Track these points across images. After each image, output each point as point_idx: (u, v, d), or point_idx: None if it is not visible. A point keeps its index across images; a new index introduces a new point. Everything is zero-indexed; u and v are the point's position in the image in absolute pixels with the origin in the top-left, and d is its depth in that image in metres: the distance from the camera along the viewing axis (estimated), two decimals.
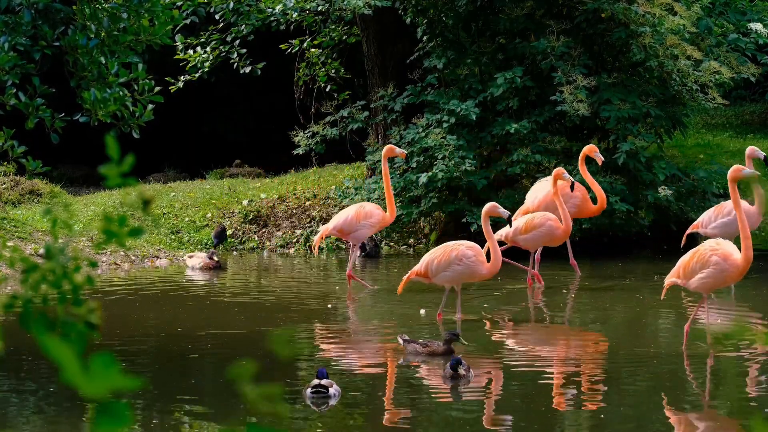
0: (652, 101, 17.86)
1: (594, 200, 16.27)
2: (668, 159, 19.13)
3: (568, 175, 15.07)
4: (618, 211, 17.41)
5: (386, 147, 15.91)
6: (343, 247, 19.34)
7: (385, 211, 15.85)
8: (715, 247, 11.38)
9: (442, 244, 13.25)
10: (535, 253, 15.63)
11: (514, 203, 17.84)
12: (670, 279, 11.71)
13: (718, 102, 18.26)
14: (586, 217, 16.60)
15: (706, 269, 11.35)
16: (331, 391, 9.70)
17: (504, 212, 13.01)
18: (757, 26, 21.36)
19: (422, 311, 13.81)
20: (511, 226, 14.46)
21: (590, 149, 16.00)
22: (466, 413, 9.48)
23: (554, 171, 15.14)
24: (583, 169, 16.11)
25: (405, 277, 13.27)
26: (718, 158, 21.80)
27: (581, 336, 12.75)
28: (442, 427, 9.13)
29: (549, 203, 15.80)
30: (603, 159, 16.08)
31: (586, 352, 12.00)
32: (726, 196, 19.73)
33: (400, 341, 11.36)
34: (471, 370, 10.25)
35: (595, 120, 18.06)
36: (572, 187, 15.39)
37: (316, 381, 9.73)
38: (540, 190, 16.15)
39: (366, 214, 15.78)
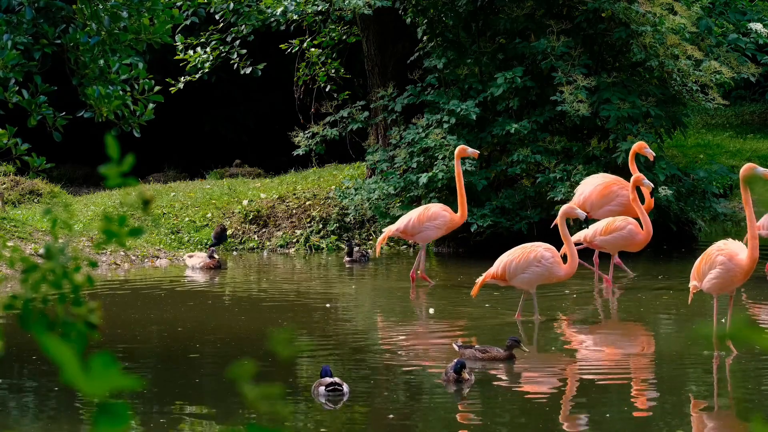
0: (652, 101, 17.86)
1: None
2: (668, 159, 19.13)
3: (648, 182, 14.96)
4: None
5: (459, 147, 15.88)
6: (343, 247, 19.32)
7: (456, 213, 15.78)
8: (722, 247, 11.37)
9: (519, 246, 13.12)
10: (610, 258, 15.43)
11: (514, 203, 17.84)
12: (692, 283, 11.70)
13: (718, 102, 18.25)
14: (632, 217, 16.40)
15: (713, 270, 11.36)
16: (344, 388, 9.71)
17: (581, 213, 13.00)
18: (757, 26, 21.35)
19: (431, 310, 13.81)
20: (587, 227, 14.31)
21: (640, 146, 15.89)
22: (468, 414, 9.48)
23: (633, 177, 14.95)
24: (633, 166, 15.96)
25: (479, 280, 13.07)
26: (718, 158, 21.81)
27: (584, 337, 12.74)
28: (443, 428, 9.14)
29: (595, 201, 15.72)
30: (654, 154, 16.03)
31: (591, 353, 11.99)
32: (725, 196, 19.72)
33: (455, 347, 11.12)
34: (472, 374, 10.18)
35: (595, 120, 18.06)
36: (652, 193, 15.37)
37: (328, 379, 9.72)
38: (588, 184, 16.09)
39: (430, 216, 15.68)
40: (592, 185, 16.04)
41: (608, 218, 15.12)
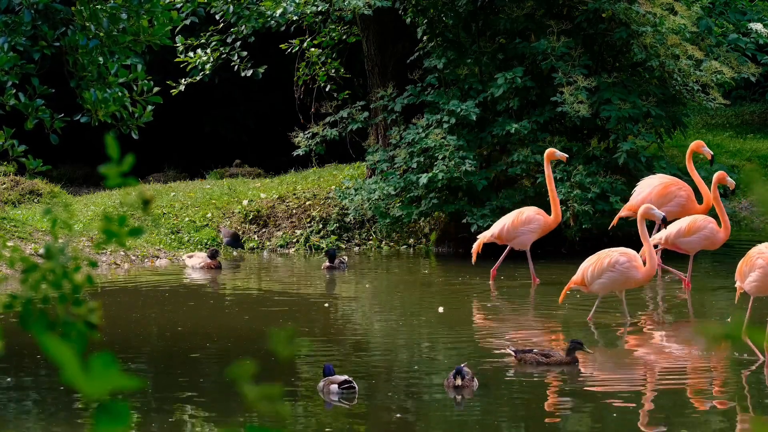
0: (652, 101, 17.86)
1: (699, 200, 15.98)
2: (668, 159, 19.13)
3: (732, 180, 14.83)
4: (618, 210, 17.39)
5: (548, 150, 15.80)
6: (343, 247, 19.32)
7: (549, 215, 15.73)
8: (763, 250, 11.43)
9: (597, 252, 13.02)
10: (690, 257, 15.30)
11: (514, 204, 17.83)
12: (737, 284, 11.70)
13: (719, 102, 18.26)
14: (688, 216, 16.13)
15: (752, 273, 11.41)
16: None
17: (659, 214, 12.86)
18: (757, 26, 21.36)
19: (441, 309, 13.79)
20: (666, 227, 14.10)
21: (698, 145, 15.84)
22: (469, 414, 9.48)
23: (717, 175, 14.83)
24: (690, 166, 15.88)
25: (565, 287, 12.99)
26: (718, 158, 21.80)
27: (588, 338, 12.74)
28: (445, 428, 9.14)
29: (654, 201, 15.61)
30: (712, 153, 16.01)
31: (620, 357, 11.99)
32: (726, 196, 19.67)
33: (511, 352, 10.85)
34: (475, 378, 9.95)
35: (596, 120, 18.07)
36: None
37: (340, 377, 9.71)
38: (647, 185, 16.03)
39: (524, 220, 15.63)
40: (650, 186, 16.00)
41: (689, 218, 14.93)
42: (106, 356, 2.48)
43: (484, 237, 15.89)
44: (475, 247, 15.98)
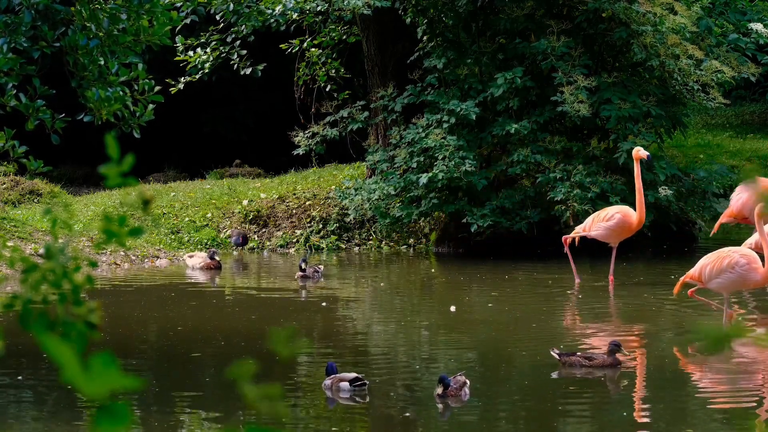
0: (652, 101, 17.86)
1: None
2: (668, 159, 19.13)
3: None
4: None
5: (635, 150, 15.64)
6: (343, 247, 19.33)
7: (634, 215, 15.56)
8: None
9: (717, 250, 12.77)
10: None
11: (514, 203, 17.83)
12: None
13: (719, 101, 18.26)
14: None
15: None
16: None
17: None
18: (757, 26, 21.37)
19: (452, 308, 13.77)
20: None
21: None
22: (464, 417, 9.48)
23: None
24: None
25: (681, 279, 12.79)
26: (718, 158, 21.83)
27: (588, 336, 12.74)
28: (446, 428, 9.13)
29: (754, 205, 15.52)
30: None
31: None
32: (725, 196, 19.66)
33: (555, 355, 10.73)
34: (465, 387, 9.68)
35: (596, 120, 18.07)
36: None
37: (349, 375, 9.70)
38: (745, 190, 15.90)
39: (603, 217, 15.51)
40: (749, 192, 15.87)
41: None
42: (106, 356, 2.48)
43: (576, 230, 15.80)
44: (567, 238, 15.83)
